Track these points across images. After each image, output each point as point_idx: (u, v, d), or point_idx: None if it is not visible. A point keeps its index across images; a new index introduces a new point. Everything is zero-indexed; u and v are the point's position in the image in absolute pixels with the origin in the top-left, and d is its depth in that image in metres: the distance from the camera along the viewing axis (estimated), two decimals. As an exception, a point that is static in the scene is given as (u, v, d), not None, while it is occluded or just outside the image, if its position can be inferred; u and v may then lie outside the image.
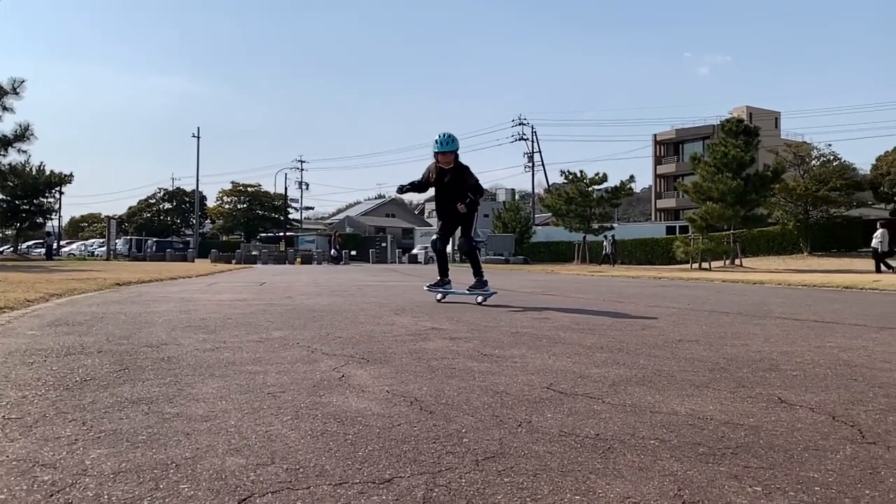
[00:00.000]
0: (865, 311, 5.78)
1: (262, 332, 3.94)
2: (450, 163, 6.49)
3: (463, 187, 6.47)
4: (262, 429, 1.78)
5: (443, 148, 6.45)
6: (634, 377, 2.58)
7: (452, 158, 6.49)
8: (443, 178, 6.53)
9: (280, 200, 62.64)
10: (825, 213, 31.09)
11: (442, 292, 6.76)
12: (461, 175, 6.51)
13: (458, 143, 6.52)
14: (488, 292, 6.35)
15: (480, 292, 6.35)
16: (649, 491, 1.34)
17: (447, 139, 6.46)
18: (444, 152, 6.46)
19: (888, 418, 1.94)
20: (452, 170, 6.49)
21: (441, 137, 6.48)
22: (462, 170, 6.53)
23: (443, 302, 6.49)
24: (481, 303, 6.18)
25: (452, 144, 6.47)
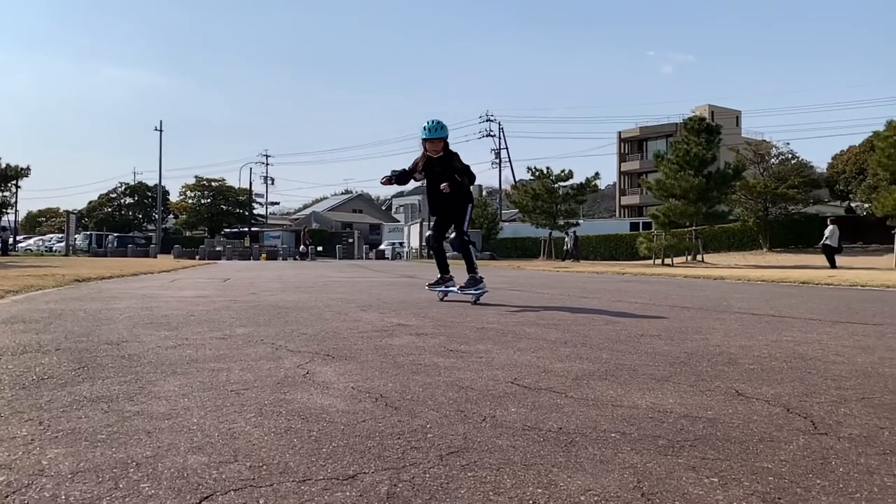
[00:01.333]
0: (820, 305, 5.95)
1: (226, 329, 3.90)
2: (439, 151, 6.05)
3: (454, 176, 6.05)
4: (225, 426, 1.77)
5: (431, 135, 6.01)
6: (597, 371, 2.62)
7: (442, 146, 6.05)
8: (432, 168, 6.09)
9: (245, 195, 61.90)
10: (784, 210, 31.89)
11: (443, 291, 6.34)
12: (451, 162, 6.07)
13: (447, 129, 6.08)
14: (481, 290, 5.95)
15: (472, 291, 5.96)
16: (610, 483, 1.36)
17: (435, 125, 6.02)
18: (433, 139, 6.02)
19: (839, 410, 2.00)
20: (442, 158, 6.06)
21: (429, 124, 6.04)
22: (451, 157, 6.10)
23: (445, 301, 6.13)
24: (474, 302, 5.82)
25: (441, 131, 6.03)
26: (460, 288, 6.05)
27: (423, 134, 6.07)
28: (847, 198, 32.91)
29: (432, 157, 6.07)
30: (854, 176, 29.55)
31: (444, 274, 6.34)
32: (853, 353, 3.08)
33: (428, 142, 6.05)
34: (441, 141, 6.03)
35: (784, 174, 31.53)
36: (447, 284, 6.26)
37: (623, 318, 4.67)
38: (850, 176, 29.99)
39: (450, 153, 6.10)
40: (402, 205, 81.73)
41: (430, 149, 6.06)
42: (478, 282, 5.95)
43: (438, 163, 6.05)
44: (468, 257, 6.12)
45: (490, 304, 5.81)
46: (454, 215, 6.21)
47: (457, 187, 5.96)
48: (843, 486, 1.36)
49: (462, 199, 6.13)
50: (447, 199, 6.07)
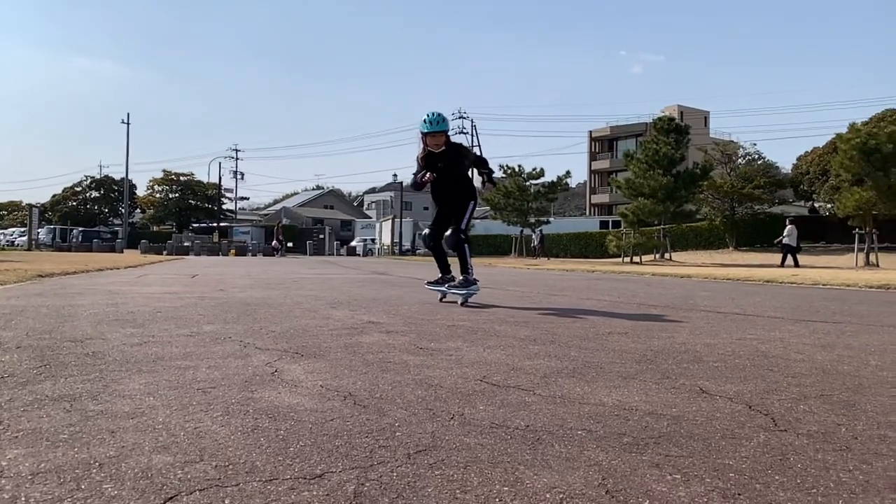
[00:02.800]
0: (783, 304, 6.08)
1: (193, 326, 3.85)
2: (440, 145, 5.68)
3: (460, 171, 5.74)
4: (192, 425, 1.75)
5: (433, 128, 5.62)
6: (565, 369, 2.64)
7: (443, 140, 5.69)
8: (435, 163, 5.69)
9: (214, 190, 61.10)
10: (750, 209, 32.51)
11: (443, 291, 5.95)
12: (457, 155, 5.74)
13: (448, 122, 5.74)
14: (470, 292, 5.62)
15: (461, 291, 5.63)
16: (575, 481, 1.38)
17: (436, 118, 5.64)
18: (434, 133, 5.63)
19: (799, 406, 2.05)
20: (446, 153, 5.69)
21: (430, 117, 5.65)
22: (457, 149, 5.78)
23: (444, 301, 5.80)
24: (462, 303, 5.48)
25: (443, 124, 5.67)
26: (449, 286, 5.80)
27: (423, 128, 5.69)
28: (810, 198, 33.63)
29: (434, 153, 5.71)
30: (817, 177, 30.23)
31: (445, 273, 6.02)
32: (813, 351, 3.16)
33: (429, 136, 5.67)
34: (443, 134, 5.68)
35: (750, 174, 32.13)
36: (448, 284, 5.91)
37: (592, 316, 4.72)
38: (813, 177, 30.68)
39: (454, 146, 5.80)
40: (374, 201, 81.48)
41: (432, 143, 5.69)
42: (470, 283, 5.68)
43: (441, 157, 5.70)
44: (463, 256, 5.79)
45: (444, 300, 5.82)
46: (454, 211, 5.86)
47: (459, 181, 5.74)
48: (801, 482, 1.39)
49: (464, 194, 5.83)
50: (448, 195, 5.81)
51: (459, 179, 5.77)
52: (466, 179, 5.86)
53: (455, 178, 5.73)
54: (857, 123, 22.99)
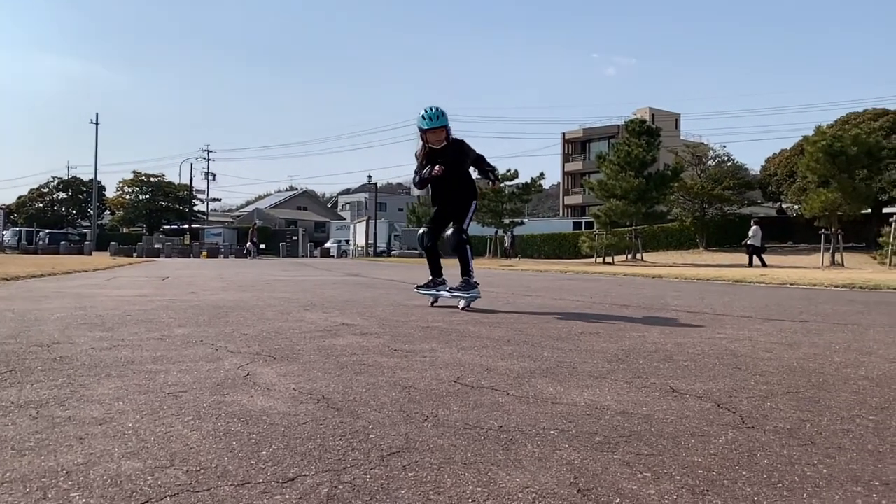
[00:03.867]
0: (752, 303, 6.18)
1: (164, 330, 3.81)
2: (441, 141, 5.39)
3: (462, 168, 5.47)
4: (162, 430, 1.73)
5: (432, 124, 5.33)
6: (538, 369, 2.66)
7: (444, 136, 5.40)
8: (435, 160, 5.38)
9: (185, 191, 60.31)
10: (720, 210, 33.00)
11: (434, 295, 5.67)
12: (460, 152, 5.42)
13: (447, 116, 5.39)
14: (472, 295, 5.32)
15: (463, 294, 5.33)
16: (547, 480, 1.39)
17: (436, 112, 5.34)
18: (434, 129, 5.35)
19: (766, 404, 2.09)
20: (447, 148, 5.40)
21: (428, 112, 5.35)
22: (459, 145, 5.44)
23: (435, 306, 5.53)
24: (464, 308, 5.20)
25: (443, 118, 5.35)
26: (451, 290, 5.47)
27: (422, 124, 5.38)
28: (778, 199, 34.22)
29: (435, 149, 5.41)
30: (785, 178, 30.75)
31: (437, 276, 5.72)
32: (781, 350, 3.22)
33: (429, 132, 5.38)
34: (443, 129, 5.38)
35: (720, 176, 32.61)
36: (439, 288, 5.65)
37: (565, 316, 4.75)
38: (781, 178, 31.20)
39: (457, 142, 5.46)
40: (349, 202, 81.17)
41: (432, 139, 5.40)
42: (471, 286, 5.36)
43: (442, 154, 5.38)
44: (465, 258, 5.47)
45: (435, 304, 5.82)
46: (455, 211, 5.56)
47: (462, 178, 5.49)
48: (767, 477, 1.42)
49: (467, 193, 5.57)
50: (449, 193, 5.52)
51: (462, 177, 5.50)
52: (468, 177, 5.61)
53: (457, 176, 5.45)
54: (823, 126, 23.52)
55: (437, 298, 5.66)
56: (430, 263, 5.79)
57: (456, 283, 5.47)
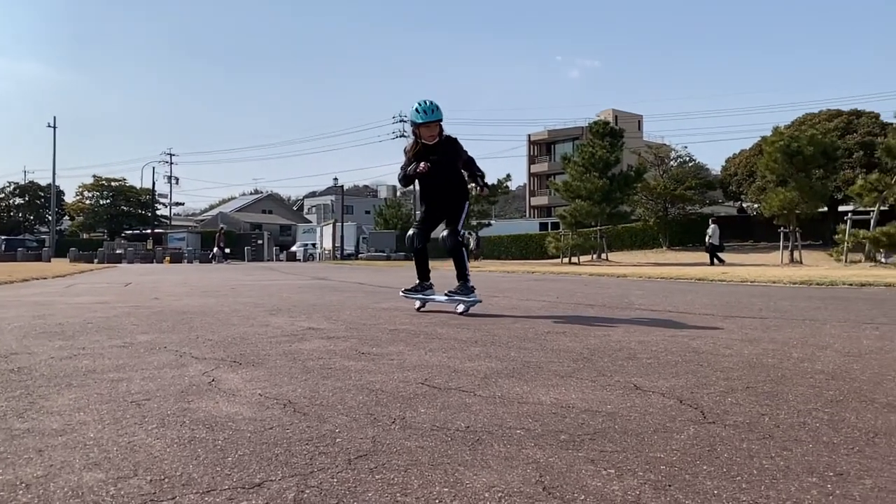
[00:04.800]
0: (714, 301, 6.31)
1: (127, 337, 3.74)
2: (434, 136, 5.16)
3: (456, 165, 5.27)
4: (125, 440, 1.70)
5: (428, 118, 5.07)
6: (505, 369, 2.68)
7: (438, 131, 5.16)
8: (427, 156, 5.13)
9: (147, 196, 59.24)
10: (682, 210, 33.62)
11: (422, 299, 5.46)
12: (453, 150, 5.22)
13: (441, 111, 5.14)
14: (473, 300, 5.09)
15: (463, 299, 5.09)
16: (513, 479, 1.41)
17: (431, 106, 5.09)
18: (429, 123, 5.10)
19: (726, 399, 2.14)
20: (438, 145, 5.17)
21: (423, 105, 5.10)
22: (452, 143, 5.24)
23: (423, 310, 5.33)
24: (463, 312, 4.97)
25: (438, 112, 5.10)
26: (448, 294, 5.21)
27: (416, 118, 5.12)
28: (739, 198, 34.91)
29: (427, 145, 5.18)
30: (745, 178, 31.41)
31: (424, 280, 5.51)
32: (741, 346, 3.29)
33: (423, 126, 5.12)
34: (437, 124, 5.14)
35: (682, 176, 33.22)
36: (427, 292, 5.45)
37: (531, 316, 4.79)
38: (741, 178, 31.85)
39: (450, 139, 5.25)
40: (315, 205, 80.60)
41: (426, 134, 5.15)
42: (469, 290, 5.13)
43: (434, 151, 5.16)
44: (461, 261, 5.27)
45: (403, 307, 5.82)
46: (448, 212, 5.35)
47: (454, 177, 5.28)
48: (727, 471, 1.46)
49: (460, 192, 5.37)
50: (442, 192, 5.30)
51: (454, 176, 5.28)
52: (461, 176, 5.38)
53: (449, 175, 5.23)
54: (781, 127, 24.08)
55: (424, 303, 5.46)
56: (418, 266, 5.60)
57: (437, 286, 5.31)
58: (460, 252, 5.26)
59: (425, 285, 5.49)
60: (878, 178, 18.08)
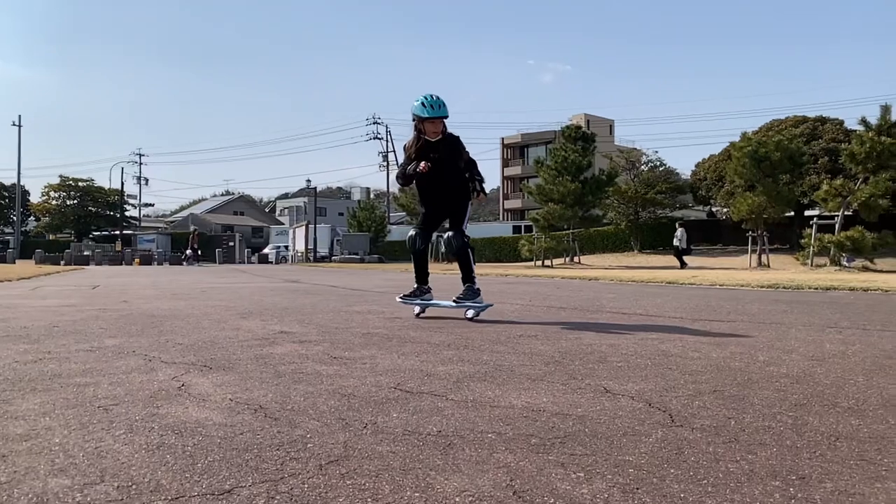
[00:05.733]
0: (683, 304, 6.40)
1: (94, 341, 3.68)
2: (438, 134, 4.94)
3: (458, 164, 5.06)
4: (92, 445, 1.68)
5: (434, 113, 4.85)
6: (477, 373, 2.70)
7: (442, 128, 4.97)
8: (429, 154, 4.92)
9: (116, 196, 58.22)
10: (653, 213, 34.02)
11: (421, 304, 5.22)
12: (455, 148, 5.03)
13: (447, 107, 4.92)
14: (482, 304, 4.91)
15: (472, 304, 4.89)
16: (484, 483, 1.42)
17: (437, 101, 4.87)
18: (434, 119, 4.87)
19: (694, 403, 2.18)
20: (441, 143, 4.96)
21: (429, 99, 4.87)
22: (455, 141, 5.04)
23: (422, 316, 5.08)
24: (473, 318, 4.79)
25: (444, 108, 4.88)
26: (457, 298, 4.98)
27: (421, 112, 4.88)
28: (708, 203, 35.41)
29: (429, 142, 4.95)
30: (714, 182, 31.87)
31: (423, 284, 5.31)
32: (709, 349, 3.35)
33: (428, 122, 4.89)
34: (442, 121, 4.94)
35: (653, 180, 33.60)
36: (425, 297, 5.25)
37: (504, 320, 4.81)
38: (710, 182, 32.31)
39: (453, 137, 5.04)
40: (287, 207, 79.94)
41: (430, 130, 4.92)
42: (477, 293, 4.96)
43: (436, 148, 4.95)
44: (467, 263, 5.05)
45: (376, 310, 5.81)
46: (452, 211, 5.16)
47: (457, 177, 5.07)
48: (693, 474, 1.48)
49: (463, 192, 5.14)
50: (444, 192, 5.09)
51: (457, 176, 5.07)
52: (463, 176, 5.16)
53: (452, 173, 5.02)
54: (749, 132, 24.53)
55: (424, 309, 5.23)
56: (418, 269, 5.38)
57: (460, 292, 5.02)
58: (467, 253, 5.05)
59: (424, 289, 5.30)
60: (842, 184, 18.51)
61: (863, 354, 3.18)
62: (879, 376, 2.62)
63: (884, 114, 18.22)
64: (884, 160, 17.81)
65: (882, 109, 18.29)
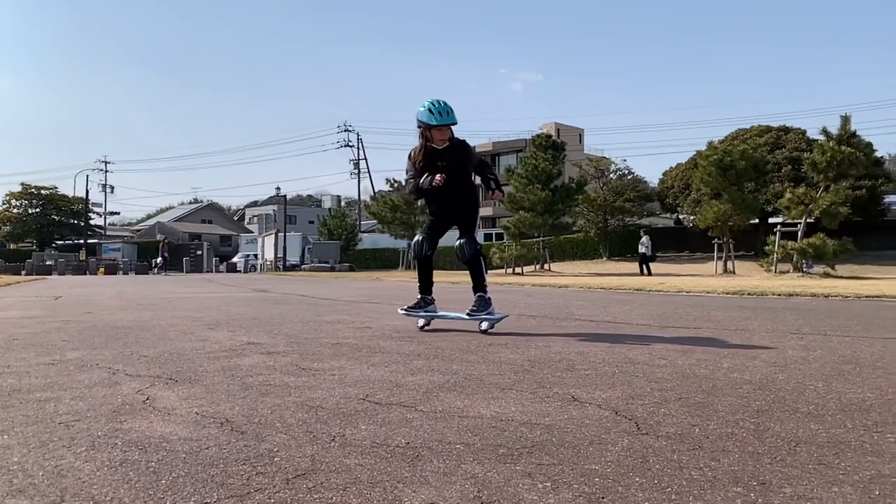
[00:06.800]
0: (651, 311, 6.48)
1: (56, 354, 3.60)
2: (445, 141, 4.78)
3: (467, 170, 4.91)
4: (52, 463, 1.64)
5: (442, 120, 4.68)
6: (447, 383, 2.70)
7: (449, 134, 4.81)
8: (436, 161, 4.77)
9: (80, 205, 57.11)
10: (621, 221, 34.47)
11: (426, 316, 4.96)
12: (464, 154, 4.84)
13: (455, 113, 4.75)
14: (496, 316, 4.72)
15: (485, 317, 4.69)
16: (451, 495, 1.42)
17: (445, 107, 4.70)
18: (442, 126, 4.71)
19: (660, 410, 2.21)
20: (448, 150, 4.78)
21: (437, 105, 4.69)
22: (463, 147, 4.85)
23: (426, 329, 4.84)
24: (486, 330, 4.60)
25: (453, 115, 4.71)
26: (470, 311, 4.78)
27: (428, 119, 4.70)
28: (675, 210, 35.97)
29: (436, 149, 4.78)
30: (681, 191, 32.39)
31: (427, 294, 5.05)
32: (675, 356, 3.40)
33: (436, 129, 4.72)
34: (450, 128, 4.78)
35: (621, 188, 34.05)
36: (429, 308, 5.02)
37: (474, 328, 4.82)
38: (677, 191, 32.83)
39: (460, 142, 4.86)
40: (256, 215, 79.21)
41: (438, 138, 4.75)
42: (488, 304, 4.77)
43: (443, 155, 4.78)
44: (480, 271, 4.90)
45: (346, 319, 5.78)
46: (462, 219, 4.98)
47: (466, 183, 4.92)
48: (658, 482, 1.51)
49: (473, 199, 5.02)
50: (453, 199, 4.88)
51: (466, 181, 4.93)
52: (472, 182, 5.04)
53: (461, 180, 4.85)
54: (715, 141, 25.00)
55: (429, 321, 4.98)
56: (423, 278, 5.13)
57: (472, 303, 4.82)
58: (479, 261, 4.90)
59: (428, 300, 5.05)
60: (805, 192, 18.93)
61: (823, 360, 3.26)
62: (838, 381, 2.68)
63: (844, 124, 18.70)
64: (844, 169, 18.29)
65: (842, 120, 18.77)
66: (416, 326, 4.93)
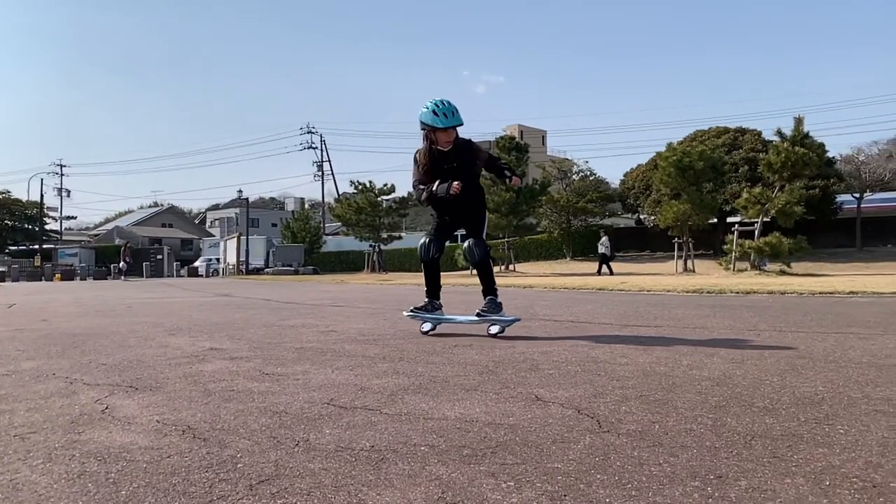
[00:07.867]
0: (613, 310, 6.58)
1: (10, 364, 3.51)
2: (451, 142, 4.63)
3: (474, 171, 4.77)
4: (6, 477, 1.61)
5: (448, 123, 4.51)
6: (412, 385, 2.71)
7: (455, 136, 4.66)
8: (442, 164, 4.63)
9: (35, 209, 55.56)
10: (584, 222, 34.93)
11: (432, 320, 4.82)
12: (471, 154, 4.71)
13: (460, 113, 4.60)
14: (508, 319, 4.57)
15: (497, 319, 4.56)
16: (416, 497, 1.43)
17: (451, 108, 4.53)
18: (447, 128, 4.55)
19: (622, 408, 2.25)
20: (453, 151, 4.64)
21: (442, 107, 4.52)
22: (469, 146, 4.73)
23: (431, 334, 4.67)
24: (497, 334, 4.43)
25: (458, 116, 4.56)
26: (479, 312, 4.66)
27: (433, 122, 4.53)
28: (636, 211, 36.51)
29: (442, 151, 4.63)
30: (642, 191, 32.91)
31: (434, 298, 4.91)
32: (636, 354, 3.46)
33: (441, 132, 4.55)
34: (455, 129, 4.63)
35: (584, 189, 34.49)
36: (437, 312, 4.88)
37: (439, 330, 4.83)
38: (638, 191, 33.34)
39: (465, 142, 4.73)
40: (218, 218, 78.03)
41: (443, 140, 4.60)
42: (499, 307, 4.66)
43: (449, 156, 4.64)
44: (490, 273, 4.76)
45: (310, 323, 5.74)
46: (470, 221, 4.85)
47: (473, 184, 4.77)
48: (619, 479, 1.54)
49: (480, 200, 4.89)
50: (460, 201, 4.68)
51: (475, 183, 4.80)
52: (479, 183, 4.94)
53: (470, 182, 4.70)
54: (674, 143, 25.45)
55: (435, 325, 4.82)
56: (430, 280, 4.95)
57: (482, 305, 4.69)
58: (489, 264, 4.78)
59: (436, 304, 4.91)
60: (761, 192, 19.39)
61: (778, 356, 3.35)
62: (792, 376, 2.76)
63: (797, 125, 19.21)
64: (798, 169, 18.79)
65: (796, 121, 19.28)
66: (420, 331, 4.77)
